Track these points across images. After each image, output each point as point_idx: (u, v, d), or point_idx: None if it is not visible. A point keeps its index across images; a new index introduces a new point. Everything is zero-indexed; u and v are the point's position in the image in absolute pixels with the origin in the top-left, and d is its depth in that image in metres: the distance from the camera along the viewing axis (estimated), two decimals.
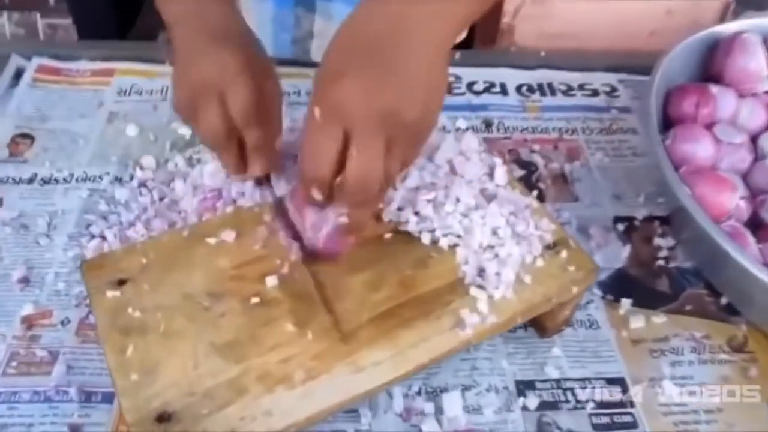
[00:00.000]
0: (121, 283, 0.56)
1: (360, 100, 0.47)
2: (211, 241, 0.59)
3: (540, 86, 0.93)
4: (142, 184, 0.75)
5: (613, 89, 0.94)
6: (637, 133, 0.87)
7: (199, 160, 0.77)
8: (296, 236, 0.58)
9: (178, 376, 0.50)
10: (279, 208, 0.60)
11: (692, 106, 0.75)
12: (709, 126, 0.75)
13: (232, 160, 0.63)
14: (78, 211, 0.72)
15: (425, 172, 0.64)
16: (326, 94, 0.48)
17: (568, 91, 0.93)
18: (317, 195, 0.51)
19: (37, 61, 0.90)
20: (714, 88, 0.76)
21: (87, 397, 0.58)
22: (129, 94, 0.87)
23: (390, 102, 0.47)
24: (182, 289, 0.56)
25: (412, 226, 0.60)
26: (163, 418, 0.48)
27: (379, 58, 0.49)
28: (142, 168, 0.77)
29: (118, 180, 0.76)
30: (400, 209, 0.61)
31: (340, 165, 0.49)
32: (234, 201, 0.66)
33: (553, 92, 0.92)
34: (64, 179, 0.76)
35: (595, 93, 0.93)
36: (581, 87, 0.94)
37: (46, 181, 0.75)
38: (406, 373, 0.52)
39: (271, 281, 0.56)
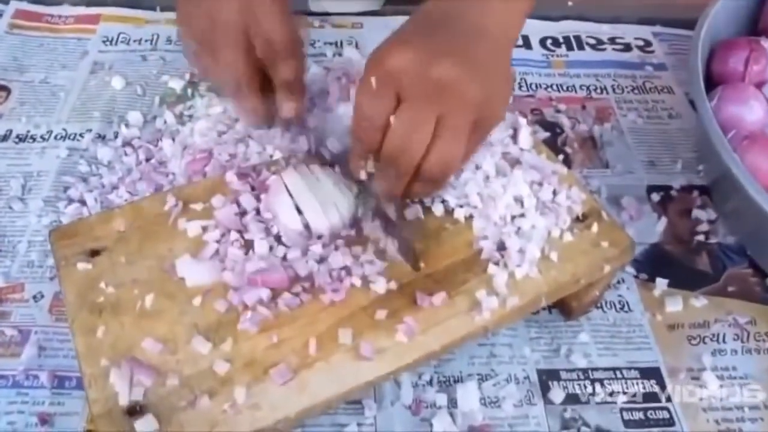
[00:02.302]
0: (95, 253, 0.50)
1: (416, 65, 0.44)
2: (198, 207, 0.52)
3: (566, 39, 0.85)
4: (127, 142, 0.68)
5: (647, 43, 0.85)
6: (673, 92, 0.79)
7: (190, 117, 0.70)
8: None
9: (154, 363, 0.44)
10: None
11: (741, 62, 0.68)
12: (759, 85, 0.67)
13: (258, 103, 0.56)
14: (55, 173, 0.65)
15: None
16: (383, 59, 0.45)
17: (598, 44, 0.85)
18: (369, 167, 0.49)
19: (15, 5, 0.83)
20: (766, 43, 0.68)
21: (60, 382, 0.52)
22: (115, 43, 0.80)
23: (448, 73, 0.44)
24: (162, 262, 0.49)
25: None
26: (134, 410, 0.41)
27: (446, 35, 0.46)
28: (127, 125, 0.70)
29: (101, 138, 0.69)
30: None
31: None
32: (224, 166, 0.59)
33: (580, 46, 0.84)
34: (42, 137, 0.69)
35: (627, 47, 0.85)
36: (612, 40, 0.86)
37: (21, 139, 0.69)
38: (415, 362, 0.46)
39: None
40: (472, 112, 0.45)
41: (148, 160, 0.66)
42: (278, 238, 0.50)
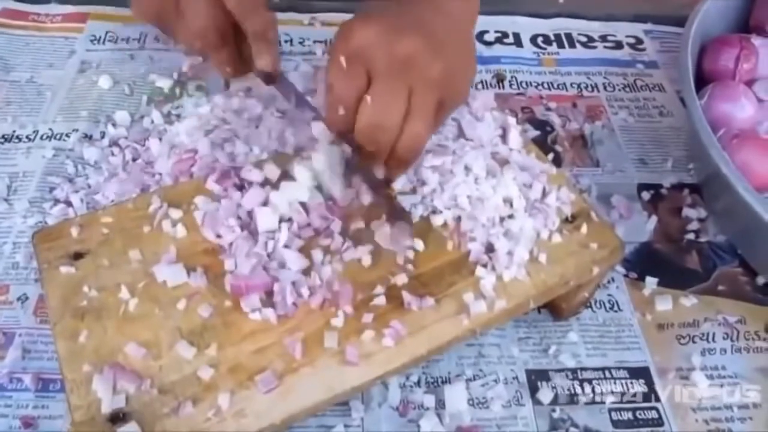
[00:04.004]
0: (78, 256, 0.49)
1: (382, 40, 0.45)
2: (183, 208, 0.52)
3: (557, 37, 0.85)
4: (114, 142, 0.67)
5: (639, 41, 0.85)
6: (664, 90, 0.79)
7: (178, 116, 0.70)
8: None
9: (137, 368, 0.43)
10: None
11: (731, 60, 0.67)
12: (750, 83, 0.67)
13: (232, 57, 0.55)
14: (41, 173, 0.65)
15: None
16: (349, 36, 0.46)
17: (589, 42, 0.84)
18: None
19: (1, 3, 0.81)
20: (756, 41, 0.68)
21: (44, 385, 0.51)
22: (103, 42, 0.79)
23: (414, 47, 0.45)
24: (147, 265, 0.48)
25: (409, 198, 0.52)
26: (117, 418, 0.41)
27: (408, 13, 0.48)
28: (114, 124, 0.69)
29: (88, 138, 0.68)
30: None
31: None
32: (211, 166, 0.59)
33: (572, 44, 0.84)
34: (27, 137, 0.68)
35: (618, 45, 0.84)
36: (603, 38, 0.85)
37: (7, 139, 0.68)
38: (402, 366, 0.45)
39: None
40: (438, 89, 0.46)
41: (134, 160, 0.65)
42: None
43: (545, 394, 0.53)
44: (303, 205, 0.50)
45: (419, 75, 0.45)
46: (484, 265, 0.49)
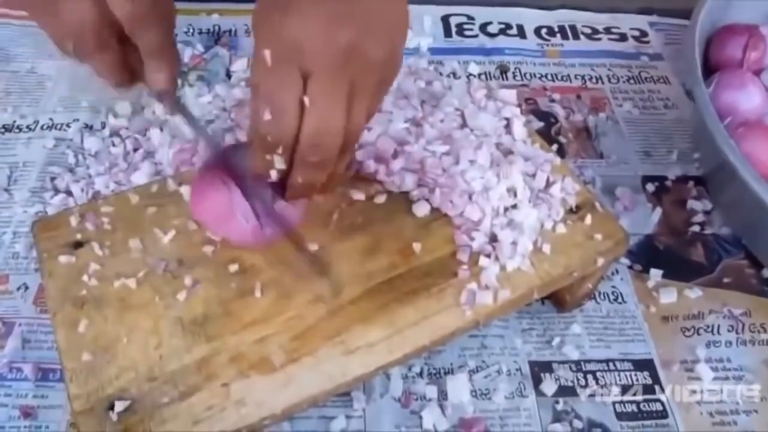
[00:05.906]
0: (78, 246, 0.49)
1: (319, 35, 0.37)
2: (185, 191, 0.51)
3: (561, 28, 0.84)
4: (115, 132, 0.67)
5: (643, 33, 0.84)
6: (669, 82, 0.78)
7: None
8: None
9: (137, 358, 0.43)
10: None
11: (739, 49, 0.67)
12: (758, 72, 0.66)
13: (112, 65, 0.47)
14: (42, 163, 0.64)
15: (434, 118, 0.56)
16: (276, 31, 0.38)
17: (593, 34, 0.84)
18: (279, 164, 0.40)
19: None
20: (764, 30, 0.67)
21: (44, 375, 0.51)
22: None
23: (354, 36, 0.38)
24: (148, 255, 0.48)
25: (410, 186, 0.52)
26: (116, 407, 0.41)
27: None
28: (115, 115, 0.69)
29: (88, 128, 0.68)
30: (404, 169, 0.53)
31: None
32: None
33: (576, 35, 0.83)
34: (28, 127, 0.68)
35: (622, 37, 0.84)
36: (607, 30, 0.84)
37: (7, 129, 0.67)
38: (404, 357, 0.45)
39: None
40: (380, 75, 0.40)
41: (135, 150, 0.65)
42: None
43: (548, 386, 0.52)
44: None
45: (362, 65, 0.38)
46: (488, 256, 0.48)
